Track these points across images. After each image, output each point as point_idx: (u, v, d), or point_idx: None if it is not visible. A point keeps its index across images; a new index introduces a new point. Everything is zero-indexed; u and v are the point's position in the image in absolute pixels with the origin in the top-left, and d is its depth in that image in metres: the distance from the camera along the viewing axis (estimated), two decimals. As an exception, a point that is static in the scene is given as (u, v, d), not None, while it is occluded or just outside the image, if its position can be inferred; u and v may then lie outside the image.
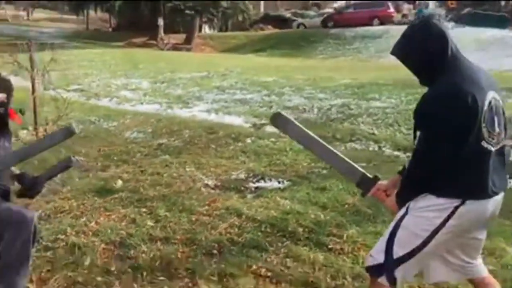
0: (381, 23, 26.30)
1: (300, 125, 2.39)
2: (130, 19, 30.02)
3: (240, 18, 27.77)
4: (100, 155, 5.61)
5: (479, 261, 2.21)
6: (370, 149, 5.48)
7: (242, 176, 4.71)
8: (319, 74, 10.63)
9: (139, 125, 7.06)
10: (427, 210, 1.99)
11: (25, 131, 6.80)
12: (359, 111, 6.95)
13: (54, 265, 2.99)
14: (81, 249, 3.18)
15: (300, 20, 32.02)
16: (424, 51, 1.97)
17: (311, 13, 35.17)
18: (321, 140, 2.43)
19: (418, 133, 2.02)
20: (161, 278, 2.85)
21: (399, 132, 5.96)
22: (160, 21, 25.36)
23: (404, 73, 2.33)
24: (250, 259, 3.04)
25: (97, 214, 3.76)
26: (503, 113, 2.03)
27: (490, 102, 1.93)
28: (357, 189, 3.69)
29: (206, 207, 3.86)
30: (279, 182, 4.54)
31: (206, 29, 31.98)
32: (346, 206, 3.89)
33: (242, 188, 4.42)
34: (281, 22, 32.93)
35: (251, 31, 30.45)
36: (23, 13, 46.39)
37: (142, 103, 8.84)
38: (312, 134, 2.41)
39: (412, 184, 2.04)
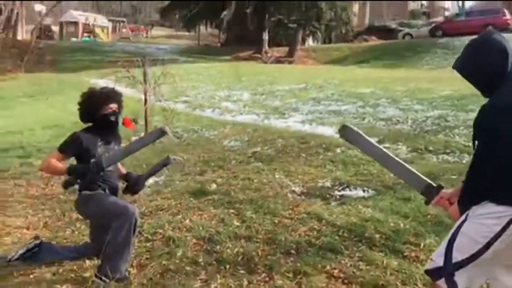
0: (496, 31, 24.65)
1: (367, 137, 2.54)
2: (237, 34, 31.33)
3: (343, 30, 27.71)
4: (200, 160, 6.10)
5: None
6: (464, 161, 5.31)
7: (328, 184, 4.87)
8: (419, 85, 10.36)
9: (237, 134, 7.49)
10: (486, 217, 2.05)
11: (137, 138, 7.58)
12: (456, 123, 6.73)
13: (152, 254, 3.42)
14: (175, 242, 3.58)
15: (406, 30, 31.08)
16: (485, 64, 2.08)
17: (419, 22, 34.00)
18: (387, 151, 2.55)
19: (476, 143, 2.09)
20: (242, 271, 3.14)
21: (497, 145, 5.71)
22: (265, 35, 26.16)
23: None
24: (325, 260, 3.22)
25: (191, 213, 4.17)
26: None
27: None
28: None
29: (289, 211, 4.09)
30: (363, 191, 4.62)
31: (309, 42, 32.35)
32: (428, 216, 3.88)
33: (327, 195, 4.58)
34: (386, 32, 32.24)
35: (355, 42, 30.20)
36: (142, 32, 50.49)
37: (241, 114, 9.32)
38: (379, 145, 2.54)
39: (471, 192, 2.10)
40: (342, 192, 4.66)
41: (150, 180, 5.23)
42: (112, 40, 37.62)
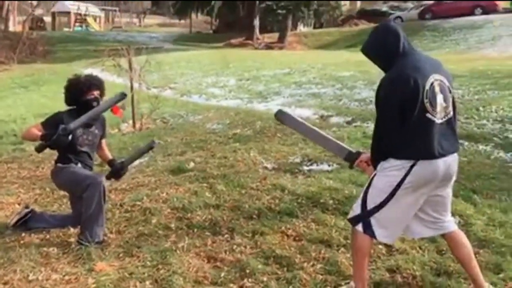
0: (484, 13, 24.93)
1: (296, 117, 3.01)
2: (229, 21, 31.56)
3: (333, 14, 27.97)
4: (182, 142, 6.48)
5: (448, 217, 2.65)
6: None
7: (298, 160, 5.27)
8: (398, 68, 10.74)
9: (220, 118, 7.87)
10: (390, 170, 2.51)
11: (125, 124, 7.97)
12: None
13: (130, 222, 3.83)
14: (151, 211, 3.98)
15: (397, 13, 31.34)
16: (382, 46, 2.55)
17: (409, 5, 34.18)
18: (313, 127, 2.98)
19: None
20: (207, 233, 3.56)
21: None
22: (256, 22, 26.43)
23: (492, 63, 2.74)
24: (282, 222, 3.64)
25: (168, 187, 4.56)
26: (450, 91, 2.52)
27: (432, 83, 2.43)
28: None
29: (257, 184, 4.50)
30: (328, 165, 5.03)
31: (301, 27, 32.58)
32: (381, 185, 4.30)
33: (296, 170, 4.98)
34: (377, 16, 32.49)
35: (346, 26, 30.46)
36: (135, 20, 50.59)
37: (226, 99, 9.70)
38: (307, 123, 2.98)
39: (377, 152, 2.57)
40: (310, 167, 5.06)
41: (136, 162, 5.64)
42: (104, 29, 37.74)
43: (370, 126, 6.32)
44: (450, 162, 2.50)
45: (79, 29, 34.47)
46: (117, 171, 3.77)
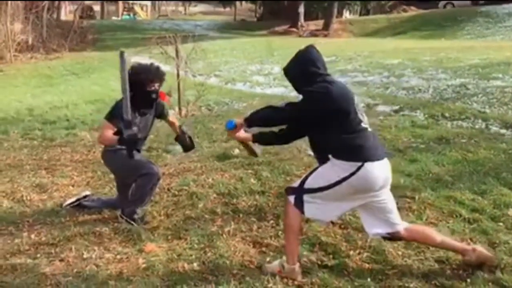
0: (542, -3, 23.63)
1: None
2: (274, 9, 31.39)
3: (381, 1, 27.26)
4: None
5: (396, 219, 2.80)
6: (477, 126, 5.54)
7: (343, 148, 5.22)
8: (449, 55, 10.39)
9: (264, 105, 7.85)
10: (338, 166, 2.66)
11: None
12: (476, 90, 6.87)
13: (177, 206, 3.93)
14: (198, 196, 4.07)
15: (448, -2, 30.17)
16: (299, 70, 2.82)
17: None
18: None
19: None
20: (253, 219, 3.60)
21: (512, 110, 5.89)
22: (301, 9, 26.13)
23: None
24: (327, 210, 3.61)
25: (214, 173, 4.64)
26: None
27: (356, 100, 2.71)
28: (445, 160, 4.13)
29: (302, 171, 4.49)
30: (375, 154, 4.95)
31: (346, 14, 31.99)
32: (430, 175, 4.21)
33: (341, 158, 4.94)
34: (427, 1, 31.40)
35: (393, 13, 29.64)
36: (181, 8, 51.16)
37: (271, 87, 9.69)
38: None
39: (320, 154, 2.80)
40: (356, 156, 4.99)
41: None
42: (151, 17, 38.37)
43: (419, 115, 6.18)
44: (387, 166, 2.71)
45: (127, 18, 35.18)
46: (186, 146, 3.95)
